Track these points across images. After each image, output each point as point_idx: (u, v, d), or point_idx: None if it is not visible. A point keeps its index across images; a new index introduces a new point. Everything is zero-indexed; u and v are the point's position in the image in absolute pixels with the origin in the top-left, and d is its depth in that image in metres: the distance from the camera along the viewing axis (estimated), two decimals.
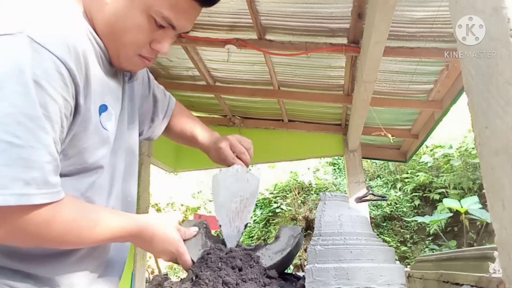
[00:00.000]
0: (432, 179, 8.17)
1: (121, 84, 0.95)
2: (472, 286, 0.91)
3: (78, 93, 0.75)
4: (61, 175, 0.75)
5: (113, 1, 0.80)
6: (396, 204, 8.52)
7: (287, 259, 0.87)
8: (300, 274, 0.87)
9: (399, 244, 8.08)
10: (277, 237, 0.92)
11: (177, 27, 0.85)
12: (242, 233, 0.96)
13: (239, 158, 1.11)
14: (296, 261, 7.98)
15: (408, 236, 8.26)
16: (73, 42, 0.74)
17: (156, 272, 7.93)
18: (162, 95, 1.21)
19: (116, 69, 0.92)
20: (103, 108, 0.85)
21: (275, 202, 9.30)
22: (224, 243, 0.93)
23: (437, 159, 8.15)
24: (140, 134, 1.14)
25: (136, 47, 0.85)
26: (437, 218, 7.29)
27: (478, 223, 6.71)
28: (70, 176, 0.81)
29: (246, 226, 0.96)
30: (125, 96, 0.97)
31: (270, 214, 9.36)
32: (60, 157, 0.74)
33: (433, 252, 7.12)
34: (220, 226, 0.96)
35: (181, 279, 0.85)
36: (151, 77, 1.19)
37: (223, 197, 0.97)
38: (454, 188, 7.73)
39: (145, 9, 0.80)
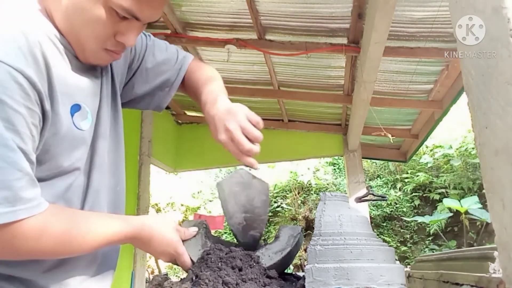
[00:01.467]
0: (432, 179, 8.17)
1: (98, 78, 0.90)
2: (472, 286, 0.91)
3: (42, 99, 0.72)
4: (38, 180, 0.73)
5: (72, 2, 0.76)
6: (396, 204, 8.51)
7: (287, 259, 0.87)
8: (300, 274, 0.87)
9: (399, 244, 8.08)
10: (276, 237, 0.92)
11: (141, 18, 0.79)
12: (259, 240, 0.93)
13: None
14: (296, 261, 7.98)
15: (408, 236, 8.26)
16: (28, 46, 0.70)
17: (156, 272, 7.93)
18: (162, 60, 1.09)
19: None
20: (75, 108, 0.81)
21: (275, 202, 9.30)
22: (223, 243, 0.92)
23: (437, 159, 8.15)
24: (145, 107, 1.11)
25: (98, 41, 0.79)
26: (437, 218, 7.29)
27: (478, 223, 6.71)
28: (46, 180, 0.79)
29: (261, 234, 0.93)
30: (104, 89, 0.91)
31: (270, 214, 9.36)
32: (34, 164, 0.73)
33: (433, 252, 7.12)
34: (236, 235, 0.94)
35: (181, 279, 0.85)
36: (138, 49, 1.06)
37: (232, 208, 0.93)
38: (454, 188, 7.73)
39: (103, 1, 0.75)
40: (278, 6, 2.84)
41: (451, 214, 7.11)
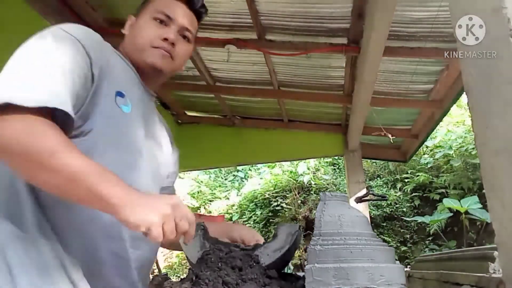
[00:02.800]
0: (432, 179, 8.16)
1: (151, 108, 1.12)
2: (472, 286, 0.91)
3: (92, 64, 0.89)
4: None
5: (130, 27, 1.11)
6: (396, 204, 8.51)
7: (286, 257, 0.87)
8: (300, 274, 0.87)
9: (399, 244, 8.07)
10: (275, 235, 0.92)
11: (173, 17, 1.08)
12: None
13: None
14: (296, 261, 7.98)
15: (408, 236, 8.26)
16: (98, 39, 0.96)
17: (156, 272, 7.93)
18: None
19: (149, 96, 1.10)
20: (119, 94, 0.95)
21: (275, 202, 9.29)
22: (222, 244, 0.92)
23: (437, 159, 8.15)
24: None
25: (148, 40, 1.05)
26: (437, 218, 7.28)
27: (478, 223, 6.70)
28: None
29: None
30: (147, 110, 1.09)
31: (270, 214, 9.35)
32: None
33: (433, 252, 7.12)
34: None
35: (181, 279, 0.85)
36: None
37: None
38: (454, 188, 7.72)
39: (149, 14, 1.08)
40: (278, 6, 2.84)
41: (451, 214, 7.10)
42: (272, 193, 9.52)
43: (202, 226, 0.97)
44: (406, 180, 8.57)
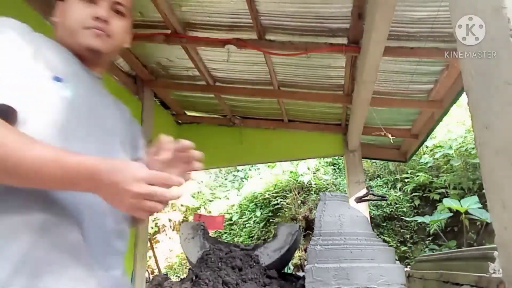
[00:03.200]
0: (432, 179, 8.16)
1: (98, 90, 1.04)
2: (472, 286, 0.91)
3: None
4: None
5: (59, 13, 1.03)
6: (396, 204, 8.51)
7: (286, 257, 0.87)
8: (300, 274, 0.87)
9: (399, 244, 8.08)
10: (275, 236, 0.91)
11: None
12: None
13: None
14: (296, 261, 7.98)
15: (408, 236, 8.26)
16: (25, 26, 0.91)
17: (156, 272, 7.93)
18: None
19: (93, 78, 1.03)
20: (57, 79, 0.90)
21: (275, 202, 9.30)
22: (222, 244, 0.92)
23: (437, 159, 8.15)
24: None
25: (78, 22, 0.99)
26: (437, 218, 7.28)
27: (478, 223, 6.70)
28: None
29: None
30: (93, 92, 1.02)
31: (270, 214, 9.35)
32: None
33: (433, 252, 7.12)
34: None
35: (181, 279, 0.85)
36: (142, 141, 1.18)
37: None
38: (454, 188, 7.72)
39: None
40: (278, 6, 2.84)
41: (451, 214, 7.10)
42: (272, 193, 9.52)
43: (202, 226, 0.96)
44: (406, 180, 8.57)
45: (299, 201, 9.33)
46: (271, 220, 9.28)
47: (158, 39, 3.25)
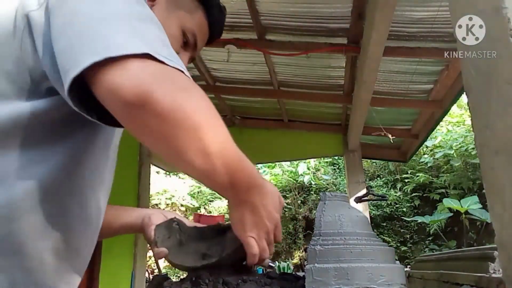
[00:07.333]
0: (432, 179, 8.17)
1: None
2: (472, 286, 0.91)
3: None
4: None
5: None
6: (396, 204, 8.52)
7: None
8: (300, 274, 0.87)
9: (399, 244, 8.08)
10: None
11: (198, 46, 0.92)
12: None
13: None
14: (296, 261, 7.99)
15: (408, 236, 8.27)
16: None
17: (156, 272, 7.93)
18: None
19: None
20: None
21: None
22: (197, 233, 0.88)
23: (437, 159, 8.15)
24: None
25: None
26: (437, 218, 7.29)
27: (478, 223, 6.71)
28: None
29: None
30: None
31: None
32: None
33: (433, 252, 7.12)
34: None
35: (181, 279, 0.85)
36: None
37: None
38: (454, 188, 7.73)
39: (180, 24, 0.87)
40: (278, 6, 2.84)
41: (451, 214, 7.11)
42: None
43: (176, 223, 0.90)
44: (406, 180, 8.57)
45: (299, 201, 9.33)
46: None
47: None
